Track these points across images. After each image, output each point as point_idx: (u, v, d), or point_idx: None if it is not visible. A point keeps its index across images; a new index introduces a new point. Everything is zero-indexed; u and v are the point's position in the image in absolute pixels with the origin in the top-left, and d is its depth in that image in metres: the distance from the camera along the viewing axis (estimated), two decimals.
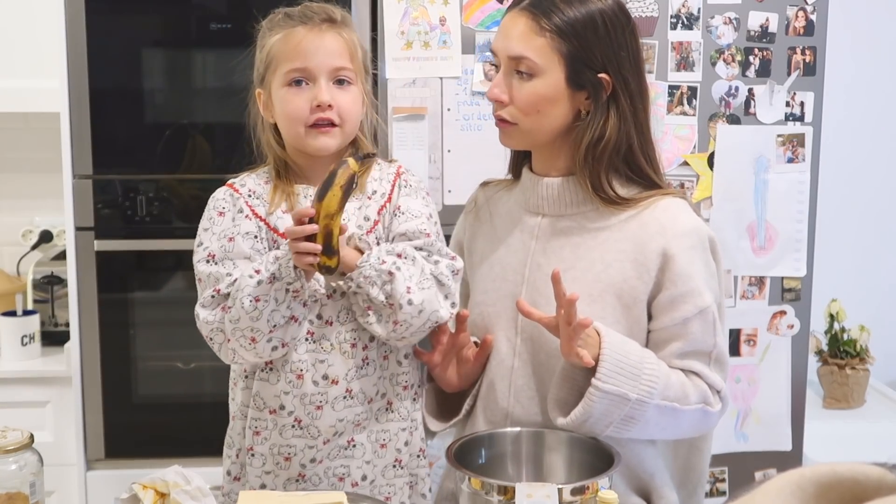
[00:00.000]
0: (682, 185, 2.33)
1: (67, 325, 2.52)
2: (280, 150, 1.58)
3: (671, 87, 2.32)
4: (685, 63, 2.31)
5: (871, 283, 3.08)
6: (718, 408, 1.54)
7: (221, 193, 1.60)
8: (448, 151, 2.31)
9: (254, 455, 1.56)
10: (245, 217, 1.55)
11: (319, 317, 1.53)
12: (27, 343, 2.59)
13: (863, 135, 3.03)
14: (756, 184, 2.36)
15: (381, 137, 1.69)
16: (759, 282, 2.39)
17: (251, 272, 1.45)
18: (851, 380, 2.78)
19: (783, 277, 2.40)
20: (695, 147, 2.34)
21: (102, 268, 2.43)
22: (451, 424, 1.67)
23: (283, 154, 1.58)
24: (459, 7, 2.28)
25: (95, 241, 2.42)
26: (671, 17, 2.29)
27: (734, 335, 2.39)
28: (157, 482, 1.36)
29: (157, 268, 2.53)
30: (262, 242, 1.55)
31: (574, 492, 1.31)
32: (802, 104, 2.35)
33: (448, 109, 2.30)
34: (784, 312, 2.41)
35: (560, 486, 1.29)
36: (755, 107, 2.34)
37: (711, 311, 1.53)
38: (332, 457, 1.55)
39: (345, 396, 1.53)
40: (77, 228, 2.42)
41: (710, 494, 2.43)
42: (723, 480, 2.45)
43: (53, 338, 2.66)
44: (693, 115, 2.33)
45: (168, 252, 2.47)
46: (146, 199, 2.44)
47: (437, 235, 1.58)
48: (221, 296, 1.50)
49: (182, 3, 2.48)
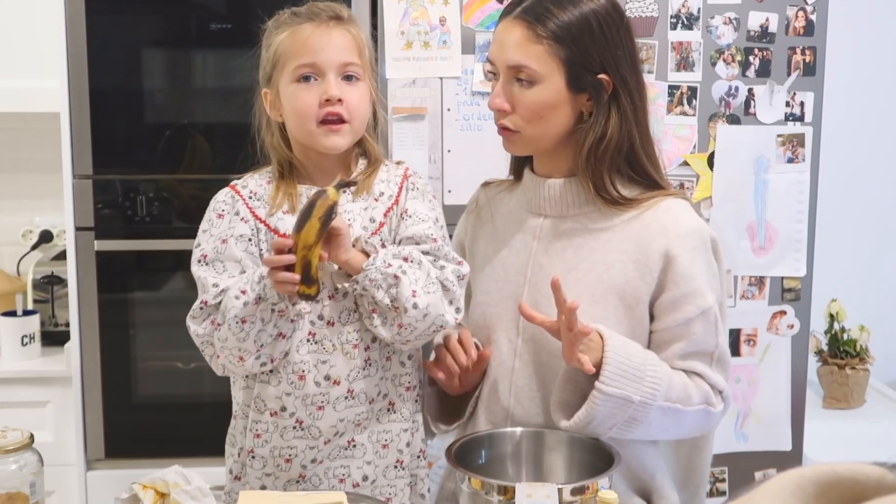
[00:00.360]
0: (682, 185, 2.33)
1: (67, 325, 2.52)
2: (286, 151, 1.58)
3: (671, 87, 2.31)
4: (685, 63, 2.31)
5: (871, 283, 3.08)
6: (720, 408, 1.54)
7: (222, 195, 1.60)
8: (448, 151, 2.31)
9: (254, 457, 1.56)
10: (241, 220, 1.55)
11: (321, 317, 1.52)
12: (27, 343, 2.59)
13: (863, 135, 3.03)
14: (756, 184, 2.36)
15: (382, 138, 1.68)
16: (759, 282, 2.39)
17: (237, 293, 1.45)
18: (851, 380, 2.78)
19: (783, 277, 2.40)
20: (695, 147, 2.34)
21: (102, 268, 2.44)
22: (455, 427, 1.67)
23: (289, 154, 1.58)
24: (459, 7, 2.28)
25: (95, 241, 2.42)
26: (671, 17, 2.29)
27: (734, 335, 2.39)
28: (157, 482, 1.36)
29: (157, 268, 2.53)
30: (260, 245, 1.54)
31: (574, 492, 1.31)
32: (802, 104, 2.35)
33: (448, 109, 2.30)
34: (784, 312, 2.41)
35: (560, 486, 1.29)
36: (755, 107, 2.34)
37: (713, 312, 1.53)
38: (333, 457, 1.55)
39: (346, 397, 1.53)
40: (77, 228, 2.42)
41: (710, 494, 2.43)
42: (723, 480, 2.45)
43: (53, 338, 2.66)
44: (693, 115, 2.33)
45: (168, 252, 2.47)
46: (146, 200, 2.44)
47: (444, 240, 1.57)
48: (210, 307, 1.50)
49: (182, 3, 2.48)
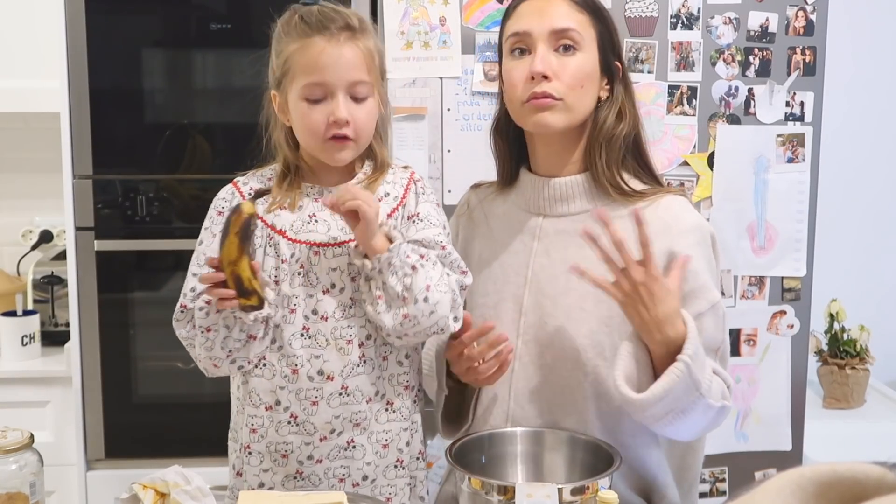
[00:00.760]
0: (682, 185, 2.33)
1: (67, 325, 2.52)
2: (292, 152, 1.59)
3: (671, 87, 2.31)
4: (685, 63, 2.31)
5: (871, 283, 3.08)
6: (731, 404, 1.54)
7: (224, 192, 1.61)
8: (448, 151, 2.31)
9: (251, 453, 1.57)
10: None
11: (315, 312, 1.53)
12: (27, 343, 2.59)
13: (863, 135, 3.03)
14: (756, 184, 2.36)
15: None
16: (759, 282, 2.39)
17: (201, 304, 1.49)
18: (851, 380, 2.78)
19: (783, 277, 2.40)
20: (695, 147, 2.34)
21: (102, 268, 2.44)
22: (464, 431, 1.64)
23: (295, 156, 1.59)
24: (459, 7, 2.28)
25: (95, 241, 2.42)
26: (671, 17, 2.29)
27: (734, 335, 2.39)
28: (157, 482, 1.36)
29: (157, 268, 2.53)
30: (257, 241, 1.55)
31: (574, 492, 1.31)
32: (802, 104, 2.35)
33: (448, 109, 2.30)
34: (784, 312, 2.41)
35: (560, 486, 1.29)
36: (755, 107, 2.34)
37: (721, 306, 1.53)
38: (333, 457, 1.55)
39: (340, 393, 1.53)
40: (77, 228, 2.42)
41: (710, 494, 2.43)
42: (723, 480, 2.45)
43: (53, 338, 2.66)
44: (693, 115, 2.32)
45: (168, 252, 2.47)
46: (146, 200, 2.44)
47: (450, 248, 1.58)
48: (188, 311, 1.53)
49: (182, 3, 2.48)
